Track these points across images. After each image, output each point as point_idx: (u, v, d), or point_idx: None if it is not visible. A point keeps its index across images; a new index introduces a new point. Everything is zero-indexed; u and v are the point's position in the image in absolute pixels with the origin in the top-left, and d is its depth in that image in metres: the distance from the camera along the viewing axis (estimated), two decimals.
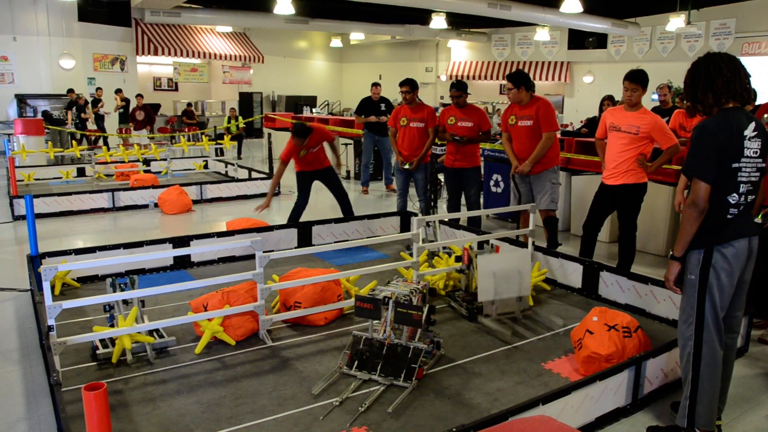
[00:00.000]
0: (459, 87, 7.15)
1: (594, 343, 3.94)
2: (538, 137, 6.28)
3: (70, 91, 16.36)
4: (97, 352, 4.24)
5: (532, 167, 6.33)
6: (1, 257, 6.90)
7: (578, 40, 20.91)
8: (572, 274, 5.71)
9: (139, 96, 16.00)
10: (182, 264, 6.37)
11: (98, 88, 16.98)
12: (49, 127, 14.95)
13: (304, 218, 7.45)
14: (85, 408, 2.10)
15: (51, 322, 3.84)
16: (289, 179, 12.36)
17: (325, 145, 7.52)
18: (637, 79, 5.42)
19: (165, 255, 6.16)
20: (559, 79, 21.59)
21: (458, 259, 5.46)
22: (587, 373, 3.88)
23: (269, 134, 13.00)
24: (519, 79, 6.33)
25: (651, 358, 3.74)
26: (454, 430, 2.90)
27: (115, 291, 4.44)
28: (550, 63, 21.78)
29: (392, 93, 11.57)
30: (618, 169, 5.56)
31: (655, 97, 10.02)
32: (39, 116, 15.98)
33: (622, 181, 5.56)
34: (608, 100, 10.43)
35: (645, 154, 5.50)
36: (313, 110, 18.41)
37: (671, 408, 3.64)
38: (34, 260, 5.58)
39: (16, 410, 3.65)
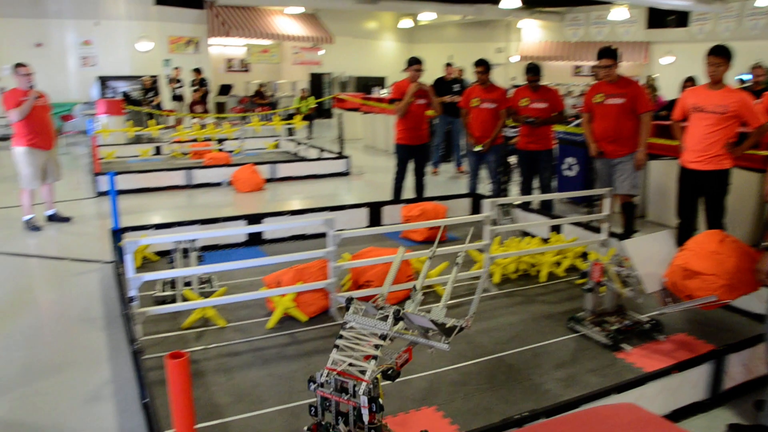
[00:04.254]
0: (535, 71, 7.00)
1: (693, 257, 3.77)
2: (627, 117, 6.08)
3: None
4: (155, 294, 4.67)
5: (617, 149, 6.16)
6: (86, 231, 7.20)
7: (658, 18, 20.04)
8: None
9: (200, 88, 16.25)
10: (255, 241, 6.50)
11: (175, 68, 17.42)
12: (129, 107, 15.46)
13: (374, 198, 7.49)
14: (168, 375, 2.16)
15: (133, 293, 4.00)
16: (359, 159, 12.44)
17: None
18: (721, 53, 5.18)
19: (239, 232, 6.34)
20: (637, 60, 20.82)
21: (584, 275, 5.09)
22: (678, 285, 3.81)
23: (339, 115, 13.06)
24: (617, 55, 6.12)
25: (733, 353, 3.58)
26: (526, 414, 2.86)
27: (178, 251, 4.74)
28: (626, 43, 21.02)
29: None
30: (704, 154, 5.33)
31: (746, 77, 9.55)
32: (119, 97, 16.56)
33: (709, 167, 5.34)
34: (689, 82, 10.04)
35: (731, 136, 5.26)
36: (382, 91, 18.38)
37: (754, 406, 3.47)
38: (116, 234, 5.79)
39: (103, 374, 3.83)
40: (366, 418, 2.53)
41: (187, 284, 4.81)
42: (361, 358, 2.61)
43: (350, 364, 2.59)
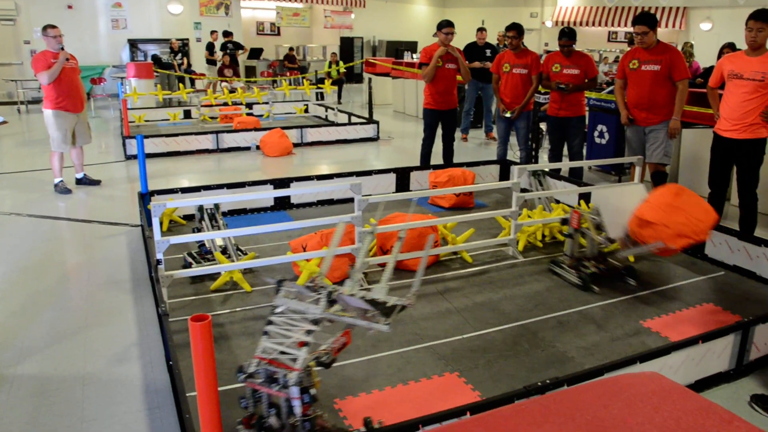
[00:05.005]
0: (570, 35, 6.81)
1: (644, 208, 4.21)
2: (661, 84, 5.89)
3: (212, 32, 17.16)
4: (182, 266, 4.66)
5: (650, 117, 5.99)
6: (115, 194, 7.28)
7: None
8: None
9: (229, 53, 16.07)
10: (282, 205, 6.52)
11: (213, 31, 17.31)
12: (158, 70, 15.49)
13: (402, 164, 7.43)
14: (191, 337, 2.18)
15: (159, 256, 4.03)
16: (388, 125, 12.36)
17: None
18: (764, 17, 4.98)
19: (266, 196, 6.34)
20: (673, 26, 20.20)
21: (564, 221, 5.16)
22: (636, 232, 4.24)
23: (369, 79, 12.95)
24: (653, 21, 5.91)
25: (760, 324, 3.50)
26: (548, 381, 2.84)
27: (203, 215, 4.78)
28: (664, 9, 20.39)
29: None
30: (740, 122, 5.18)
31: None
32: (149, 60, 16.59)
33: (744, 135, 5.19)
34: (728, 48, 9.72)
35: None
36: (414, 56, 18.16)
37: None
38: (144, 197, 5.84)
39: (130, 336, 3.88)
40: (298, 410, 2.38)
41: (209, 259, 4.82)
42: (295, 345, 2.39)
43: (281, 352, 2.39)
